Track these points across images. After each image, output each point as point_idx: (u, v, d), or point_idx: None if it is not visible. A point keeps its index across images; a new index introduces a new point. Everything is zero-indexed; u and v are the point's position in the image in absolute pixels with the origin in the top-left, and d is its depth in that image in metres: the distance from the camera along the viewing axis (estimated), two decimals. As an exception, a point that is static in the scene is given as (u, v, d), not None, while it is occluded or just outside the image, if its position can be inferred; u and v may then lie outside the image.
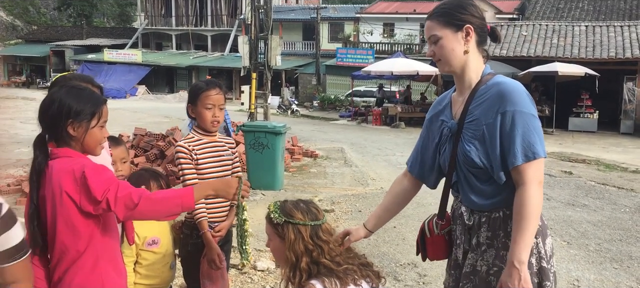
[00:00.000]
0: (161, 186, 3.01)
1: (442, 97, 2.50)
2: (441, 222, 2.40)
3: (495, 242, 2.22)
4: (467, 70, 2.29)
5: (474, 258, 2.26)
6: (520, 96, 2.15)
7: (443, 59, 2.28)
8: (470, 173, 2.26)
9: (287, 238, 2.09)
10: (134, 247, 2.86)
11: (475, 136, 2.22)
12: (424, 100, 23.99)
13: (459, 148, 2.27)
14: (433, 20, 2.28)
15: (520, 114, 2.12)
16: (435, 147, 2.43)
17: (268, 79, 12.05)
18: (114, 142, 3.02)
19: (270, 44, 11.36)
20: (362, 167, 11.66)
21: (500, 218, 2.21)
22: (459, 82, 2.35)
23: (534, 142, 2.12)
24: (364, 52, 31.43)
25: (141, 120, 19.73)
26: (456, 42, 2.25)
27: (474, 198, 2.26)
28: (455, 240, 2.37)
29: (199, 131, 3.20)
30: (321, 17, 34.60)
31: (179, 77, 40.68)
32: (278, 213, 2.13)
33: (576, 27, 22.35)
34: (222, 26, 43.05)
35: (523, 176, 2.11)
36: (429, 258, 2.49)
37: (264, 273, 5.06)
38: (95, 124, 2.14)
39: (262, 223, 6.56)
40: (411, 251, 5.76)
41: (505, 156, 2.14)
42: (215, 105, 3.11)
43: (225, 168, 3.19)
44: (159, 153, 10.33)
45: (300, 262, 2.06)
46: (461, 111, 2.30)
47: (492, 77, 2.27)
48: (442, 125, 2.39)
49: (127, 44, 44.33)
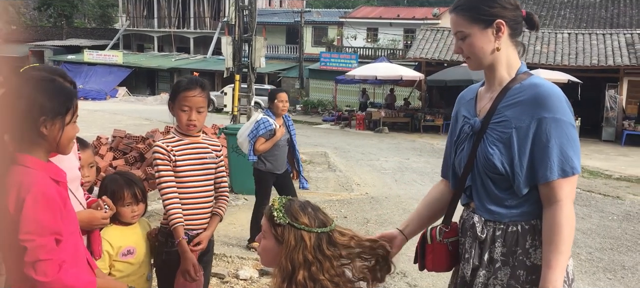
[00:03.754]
0: (135, 194, 2.77)
1: (468, 91, 2.25)
2: (446, 230, 2.16)
3: (511, 260, 1.98)
4: (498, 66, 2.06)
5: (486, 276, 2.02)
6: (559, 102, 1.93)
7: (472, 57, 2.06)
8: (488, 178, 2.02)
9: (287, 243, 1.82)
10: (106, 257, 2.63)
11: (501, 139, 1.98)
12: (408, 105, 23.93)
13: (480, 150, 2.03)
14: (459, 15, 2.05)
15: (558, 123, 1.91)
16: (452, 145, 2.20)
17: (252, 80, 11.81)
18: (81, 145, 2.78)
19: (254, 45, 11.13)
20: (346, 172, 11.49)
21: (519, 233, 1.97)
22: (489, 78, 2.11)
23: (572, 155, 1.91)
24: (348, 56, 31.29)
25: (121, 122, 19.36)
26: (486, 40, 2.02)
27: (490, 206, 2.02)
28: (463, 254, 2.11)
29: (180, 131, 2.95)
30: (305, 21, 34.45)
31: (160, 79, 40.18)
32: (282, 212, 1.85)
33: (559, 35, 22.48)
34: (204, 28, 42.70)
35: (557, 193, 1.89)
36: (427, 268, 2.22)
37: (246, 282, 4.83)
38: (70, 121, 1.91)
39: (245, 229, 6.38)
40: (399, 259, 5.51)
41: (536, 168, 1.92)
42: (192, 107, 2.83)
43: (208, 172, 2.95)
44: (139, 156, 10.04)
45: (297, 274, 1.79)
46: (488, 109, 2.05)
47: (528, 76, 2.03)
48: (464, 122, 2.15)
49: (108, 45, 43.73)
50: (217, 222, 3.01)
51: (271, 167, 5.61)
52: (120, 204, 2.69)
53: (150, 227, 2.96)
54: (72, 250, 1.99)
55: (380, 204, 8.32)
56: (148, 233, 2.89)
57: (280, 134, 5.55)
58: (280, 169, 5.69)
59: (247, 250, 5.69)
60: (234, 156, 8.74)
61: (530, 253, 1.96)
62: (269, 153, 5.55)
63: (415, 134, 20.45)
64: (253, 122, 5.63)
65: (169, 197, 2.82)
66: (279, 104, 5.61)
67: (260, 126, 5.50)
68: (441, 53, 22.27)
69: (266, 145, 5.49)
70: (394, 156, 14.21)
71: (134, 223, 2.81)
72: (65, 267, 1.88)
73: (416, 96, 25.59)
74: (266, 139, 5.48)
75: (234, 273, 4.95)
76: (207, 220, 2.97)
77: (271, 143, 5.50)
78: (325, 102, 30.43)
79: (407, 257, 5.61)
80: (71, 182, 2.31)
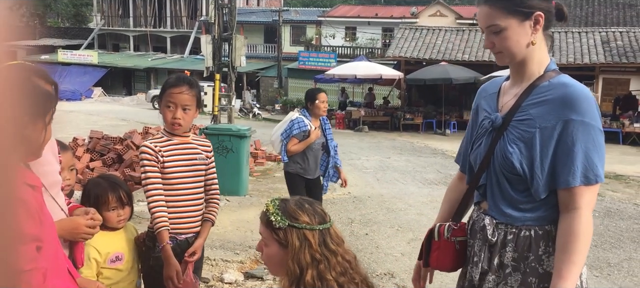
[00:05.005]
0: (120, 198, 2.64)
1: (491, 84, 2.16)
2: (454, 227, 2.08)
3: (522, 265, 1.90)
4: (529, 62, 1.94)
5: (495, 281, 1.94)
6: (589, 105, 1.83)
7: (505, 52, 1.92)
8: (504, 177, 1.93)
9: (292, 245, 1.71)
10: (94, 265, 2.50)
11: (523, 138, 1.89)
12: (387, 104, 23.96)
13: (498, 147, 1.94)
14: (493, 7, 1.91)
15: (586, 127, 1.81)
16: (470, 139, 2.12)
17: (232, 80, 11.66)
18: (62, 148, 2.64)
19: (234, 44, 10.98)
20: (328, 172, 11.40)
21: (531, 237, 1.89)
22: (517, 73, 1.99)
23: (597, 163, 1.82)
24: (327, 55, 31.23)
25: (97, 123, 19.00)
26: (523, 33, 1.89)
27: (503, 208, 1.94)
28: (472, 258, 2.03)
29: (168, 130, 2.83)
30: (283, 20, 34.29)
31: (136, 79, 39.68)
32: (280, 216, 1.75)
33: (536, 33, 22.69)
34: (181, 28, 42.28)
35: (577, 200, 1.81)
36: (430, 266, 2.14)
37: (231, 285, 4.72)
38: (48, 122, 1.79)
39: (228, 231, 6.27)
40: (386, 260, 5.53)
41: (558, 172, 1.83)
42: (177, 105, 2.72)
43: (198, 174, 2.84)
44: (116, 157, 9.83)
45: (305, 274, 1.69)
46: (512, 105, 1.96)
47: (557, 75, 1.93)
48: (484, 117, 2.05)
49: (83, 45, 43.04)
50: (209, 229, 2.90)
51: (301, 170, 5.26)
52: (105, 209, 2.56)
53: (137, 231, 2.84)
54: (53, 262, 1.88)
55: (363, 204, 8.26)
56: (135, 238, 2.77)
57: (314, 137, 5.20)
58: (311, 174, 5.31)
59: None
60: (215, 156, 8.59)
61: (543, 260, 1.88)
62: (299, 156, 5.23)
63: (395, 132, 20.46)
64: (287, 120, 5.32)
65: (154, 200, 2.70)
66: (320, 105, 5.25)
67: (294, 126, 5.18)
68: (420, 52, 22.33)
69: (298, 147, 5.17)
70: (375, 155, 14.18)
71: (120, 228, 2.69)
72: (50, 277, 1.76)
73: (395, 95, 25.64)
74: (299, 140, 5.17)
75: (219, 277, 4.83)
76: (197, 224, 2.86)
77: (304, 145, 5.17)
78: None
79: (393, 258, 5.60)
80: (52, 187, 2.18)
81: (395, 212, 7.68)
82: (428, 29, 24.06)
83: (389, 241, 6.23)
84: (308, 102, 5.32)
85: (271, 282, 4.84)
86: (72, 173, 2.69)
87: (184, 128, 2.80)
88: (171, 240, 2.73)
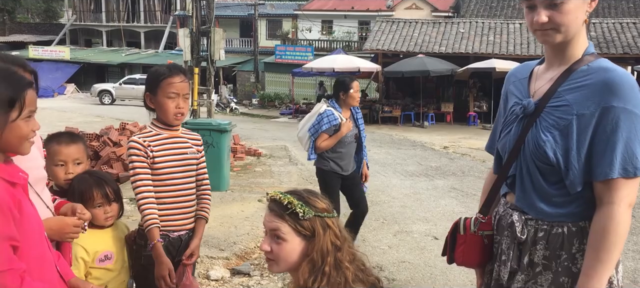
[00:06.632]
0: (106, 194, 2.52)
1: (521, 68, 2.03)
2: (482, 221, 1.96)
3: (553, 264, 1.78)
4: (574, 42, 1.79)
5: (524, 280, 1.82)
6: (632, 91, 1.68)
7: (562, 27, 1.74)
8: (536, 168, 1.79)
9: (318, 235, 1.65)
10: (82, 265, 2.39)
11: (557, 125, 1.75)
12: (365, 97, 23.94)
13: (530, 135, 1.80)
14: None
15: (629, 115, 1.66)
16: (499, 126, 1.99)
17: (211, 74, 11.50)
18: (70, 139, 2.55)
19: (213, 37, 10.81)
20: (308, 165, 11.30)
21: (564, 235, 1.76)
22: (555, 55, 1.84)
23: (638, 154, 1.67)
24: (303, 49, 31.08)
25: (71, 120, 18.67)
26: (581, 7, 1.74)
27: (534, 201, 1.80)
28: (499, 255, 1.91)
29: (158, 124, 2.72)
30: (259, 14, 34.06)
31: (110, 74, 39.01)
32: (304, 206, 1.66)
33: (511, 25, 22.91)
34: (155, 22, 41.73)
35: (613, 194, 1.67)
36: (455, 262, 2.02)
37: (218, 282, 4.63)
38: (17, 116, 1.66)
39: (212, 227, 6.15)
40: (374, 252, 5.48)
41: (595, 162, 1.70)
42: (179, 94, 2.63)
43: (189, 169, 2.74)
44: (93, 154, 9.63)
45: (325, 263, 1.64)
46: (546, 90, 1.82)
47: (596, 58, 1.78)
48: (514, 103, 1.92)
49: (54, 41, 42.18)
50: (204, 227, 2.81)
51: (335, 166, 4.86)
52: (90, 205, 2.44)
53: (129, 229, 2.73)
54: (36, 263, 1.77)
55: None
56: (126, 236, 2.66)
57: (346, 129, 4.79)
58: (346, 170, 4.92)
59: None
60: (196, 152, 8.48)
61: (577, 259, 1.76)
62: (332, 151, 4.82)
63: (373, 125, 20.46)
64: (315, 114, 4.88)
65: (143, 196, 2.60)
66: (355, 95, 4.88)
67: (323, 120, 4.77)
68: (397, 44, 22.36)
69: (329, 142, 4.76)
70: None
71: (109, 226, 2.58)
72: (28, 279, 1.65)
73: (373, 88, 25.64)
74: (330, 135, 4.77)
75: (205, 274, 4.73)
76: (189, 221, 2.76)
77: (335, 139, 4.76)
78: (282, 95, 30.19)
79: (381, 251, 5.55)
80: (36, 184, 2.07)
81: (379, 205, 7.65)
82: (405, 21, 24.10)
83: (375, 234, 6.20)
84: (340, 92, 4.90)
85: (258, 279, 4.75)
86: (79, 167, 2.54)
87: (185, 118, 2.72)
88: (163, 238, 2.63)
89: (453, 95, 22.81)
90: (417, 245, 5.85)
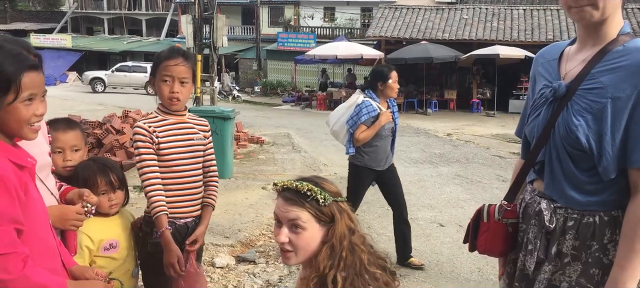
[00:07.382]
0: (111, 181, 2.49)
1: (551, 49, 1.94)
2: (507, 208, 1.89)
3: (583, 255, 1.70)
4: (610, 21, 1.69)
5: (551, 271, 1.75)
6: None
7: (601, 2, 1.64)
8: (567, 154, 1.71)
9: (337, 220, 1.62)
10: (87, 253, 2.36)
11: (590, 109, 1.66)
12: (368, 84, 23.87)
13: (561, 119, 1.72)
14: None
15: None
16: (528, 109, 1.91)
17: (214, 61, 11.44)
18: (67, 125, 2.50)
19: (215, 24, 10.74)
20: (312, 153, 11.32)
21: (596, 224, 1.68)
22: (589, 35, 1.74)
23: None
24: (306, 36, 30.95)
25: (73, 108, 18.62)
26: None
27: (565, 189, 1.72)
28: (525, 245, 1.83)
29: (163, 109, 2.66)
30: (261, 1, 33.88)
31: (112, 62, 38.86)
32: (322, 191, 1.62)
33: (515, 11, 22.76)
34: (157, 10, 41.54)
35: None
36: (478, 250, 1.96)
37: (223, 270, 4.61)
38: (14, 99, 1.60)
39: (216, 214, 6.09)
40: (380, 240, 5.45)
41: (631, 148, 1.61)
42: (174, 77, 2.55)
43: (196, 155, 2.68)
44: (96, 142, 9.60)
45: (343, 248, 1.61)
46: (578, 72, 1.72)
47: (632, 38, 1.69)
48: (543, 86, 1.83)
49: (56, 29, 42.06)
50: (210, 214, 2.75)
51: (370, 161, 4.63)
52: (94, 193, 2.39)
53: (134, 217, 2.69)
54: (40, 248, 1.73)
55: (351, 184, 8.16)
56: (132, 224, 2.62)
57: (385, 119, 4.55)
58: (381, 165, 4.68)
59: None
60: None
61: (609, 250, 1.68)
62: (367, 145, 4.58)
63: (376, 112, 20.37)
64: (352, 105, 4.61)
65: (150, 183, 2.55)
66: (394, 85, 4.60)
67: (362, 110, 4.50)
68: (400, 31, 22.24)
69: (368, 133, 4.51)
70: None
71: (114, 214, 2.55)
72: (31, 263, 1.62)
73: (376, 75, 25.53)
74: (368, 127, 4.53)
75: (210, 262, 4.71)
76: (196, 208, 2.71)
77: (374, 130, 4.51)
78: (285, 82, 30.10)
79: (386, 237, 5.53)
80: (40, 170, 2.04)
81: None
82: (408, 8, 23.95)
83: (381, 221, 6.17)
84: (379, 82, 4.62)
85: (264, 266, 4.73)
86: (77, 154, 2.50)
87: (182, 103, 2.65)
88: (170, 225, 2.58)
89: (456, 82, 22.71)
90: (422, 232, 5.82)
